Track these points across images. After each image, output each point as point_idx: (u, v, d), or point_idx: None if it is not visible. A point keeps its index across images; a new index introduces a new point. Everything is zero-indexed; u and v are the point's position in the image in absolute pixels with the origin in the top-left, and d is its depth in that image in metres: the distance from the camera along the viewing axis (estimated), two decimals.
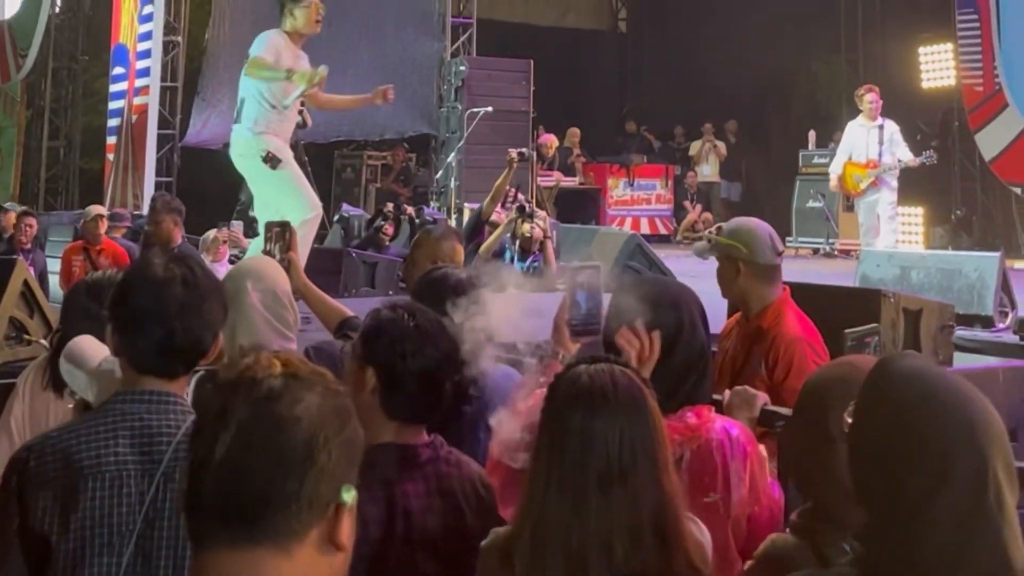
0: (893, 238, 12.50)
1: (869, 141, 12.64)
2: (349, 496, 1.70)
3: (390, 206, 12.81)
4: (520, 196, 10.92)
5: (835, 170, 13.07)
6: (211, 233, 10.59)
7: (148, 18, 16.79)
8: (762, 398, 3.37)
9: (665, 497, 2.33)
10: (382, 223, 12.36)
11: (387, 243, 12.24)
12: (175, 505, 2.58)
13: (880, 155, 12.45)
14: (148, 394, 2.67)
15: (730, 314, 4.94)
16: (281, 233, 4.87)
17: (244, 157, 8.51)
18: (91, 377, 3.06)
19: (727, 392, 3.44)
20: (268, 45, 8.37)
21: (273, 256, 4.68)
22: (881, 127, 12.61)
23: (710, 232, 4.75)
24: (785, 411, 3.15)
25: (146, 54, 16.77)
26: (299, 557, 1.65)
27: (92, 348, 3.14)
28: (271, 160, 8.27)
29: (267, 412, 1.65)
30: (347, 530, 1.71)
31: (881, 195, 12.49)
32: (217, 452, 1.63)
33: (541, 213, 10.63)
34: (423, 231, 5.84)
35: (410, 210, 13.15)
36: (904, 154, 12.61)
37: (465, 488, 2.89)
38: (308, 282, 4.81)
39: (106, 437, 2.60)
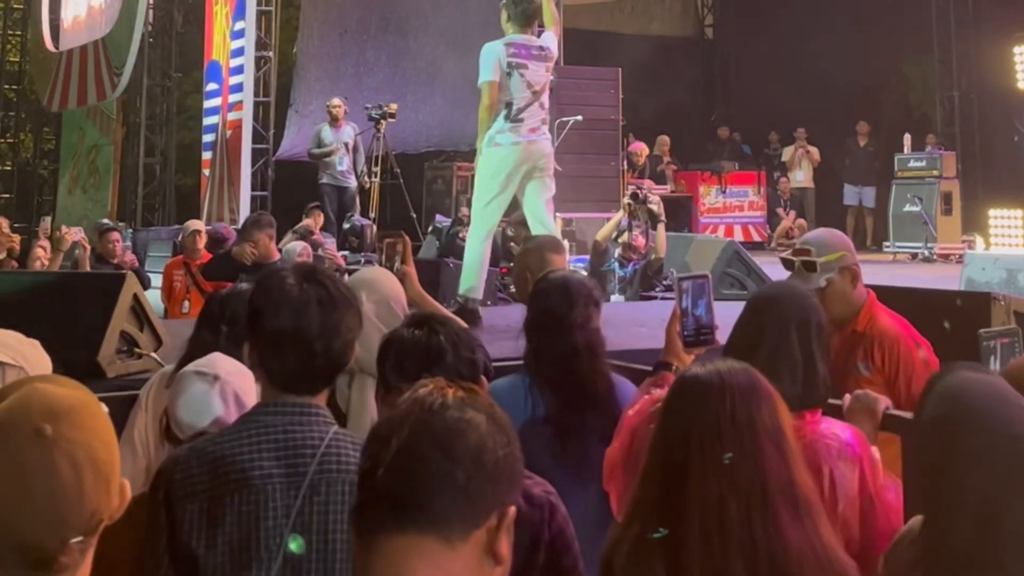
0: None
1: None
2: (511, 510, 1.75)
3: (464, 211, 12.55)
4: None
5: None
6: (297, 246, 9.99)
7: (240, 34, 17.01)
8: (884, 402, 3.31)
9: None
10: (459, 229, 12.16)
11: None
12: (321, 517, 2.57)
13: None
14: (290, 406, 2.67)
15: None
16: (393, 244, 4.89)
17: None
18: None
19: (847, 397, 3.37)
20: None
21: (388, 268, 4.70)
22: None
23: (799, 259, 4.43)
24: (909, 415, 3.07)
25: (239, 70, 16.99)
26: (461, 553, 1.70)
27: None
28: None
29: (440, 417, 1.74)
30: (506, 546, 1.74)
31: None
32: (391, 448, 1.70)
33: (654, 198, 10.62)
34: (524, 242, 5.81)
35: None
36: None
37: None
38: (424, 293, 4.83)
39: (251, 449, 2.59)
